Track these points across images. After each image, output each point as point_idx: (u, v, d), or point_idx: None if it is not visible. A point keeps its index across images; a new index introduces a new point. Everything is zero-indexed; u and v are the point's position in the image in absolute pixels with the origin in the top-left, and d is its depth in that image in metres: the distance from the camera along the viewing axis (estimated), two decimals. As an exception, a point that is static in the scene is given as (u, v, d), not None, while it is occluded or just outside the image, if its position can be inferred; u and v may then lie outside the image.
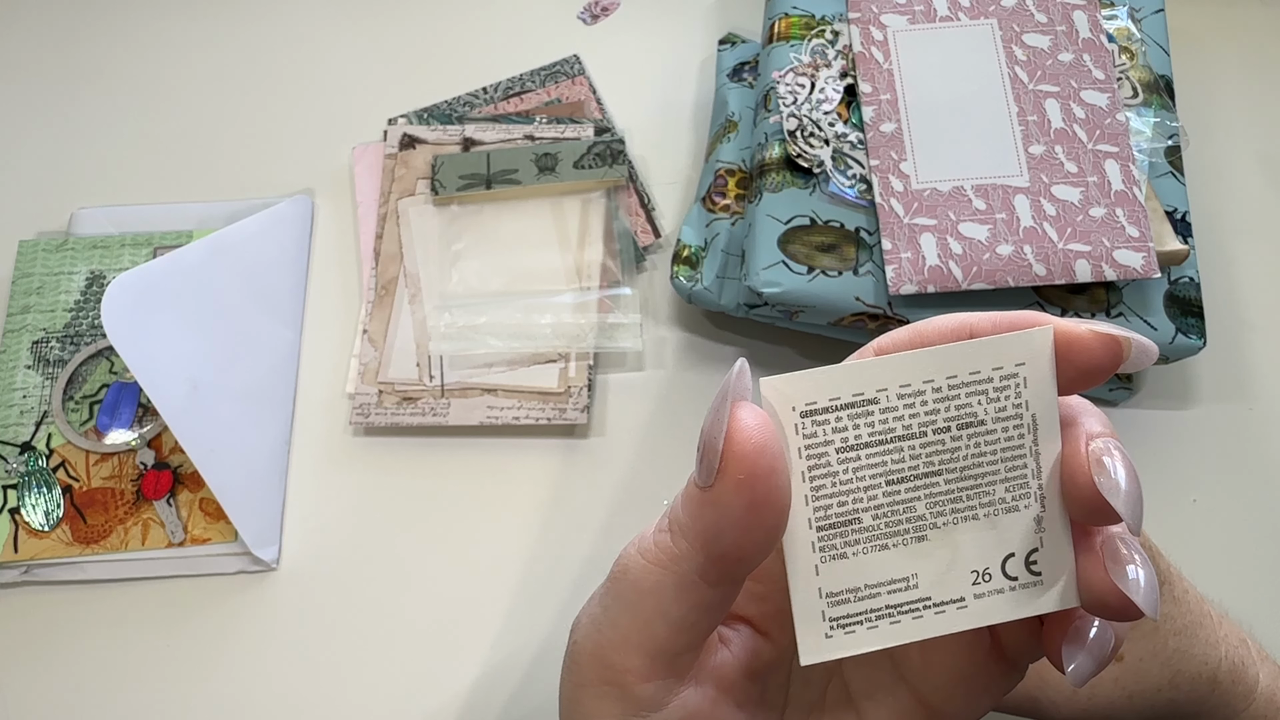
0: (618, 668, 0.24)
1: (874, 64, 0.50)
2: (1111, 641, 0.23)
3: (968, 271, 0.45)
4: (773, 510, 0.21)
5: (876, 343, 0.24)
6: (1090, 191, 0.47)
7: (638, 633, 0.24)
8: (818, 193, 0.49)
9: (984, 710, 0.25)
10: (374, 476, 0.52)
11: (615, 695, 0.25)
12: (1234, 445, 0.52)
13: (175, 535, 0.50)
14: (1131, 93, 0.51)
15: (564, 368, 0.53)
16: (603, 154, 0.56)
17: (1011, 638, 0.24)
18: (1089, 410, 0.24)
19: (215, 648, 0.48)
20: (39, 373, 0.53)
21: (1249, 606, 0.48)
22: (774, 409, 0.22)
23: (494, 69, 0.62)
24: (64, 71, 0.64)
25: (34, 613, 0.49)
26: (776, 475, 0.21)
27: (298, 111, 0.62)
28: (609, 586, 0.25)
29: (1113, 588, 0.21)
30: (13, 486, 0.51)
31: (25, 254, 0.56)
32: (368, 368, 0.53)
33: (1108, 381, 0.51)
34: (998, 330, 0.23)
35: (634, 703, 0.25)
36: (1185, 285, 0.48)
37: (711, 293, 0.51)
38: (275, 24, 0.65)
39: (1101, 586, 0.22)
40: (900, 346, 0.23)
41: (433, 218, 0.56)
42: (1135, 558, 0.22)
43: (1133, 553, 0.22)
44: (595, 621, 0.25)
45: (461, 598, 0.49)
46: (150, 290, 0.50)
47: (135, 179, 0.60)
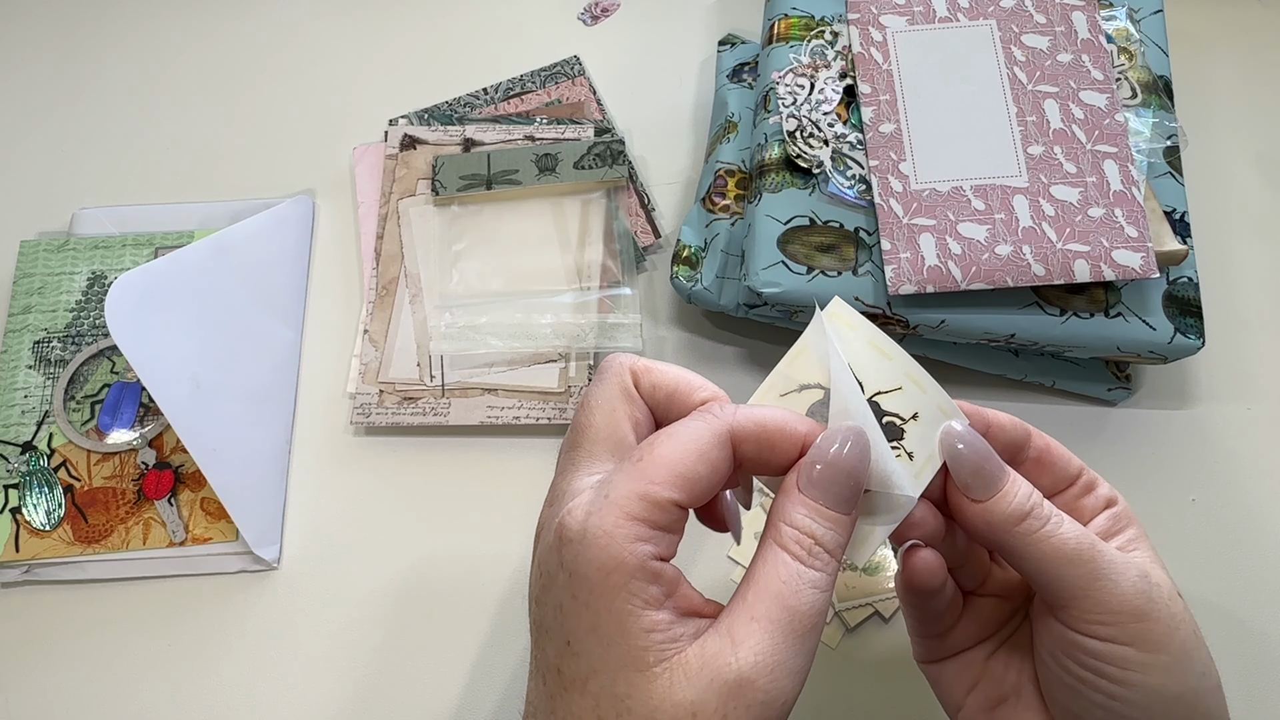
0: (658, 499, 0.28)
1: (873, 65, 0.50)
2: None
3: (967, 271, 0.46)
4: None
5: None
6: (1089, 192, 0.47)
7: (679, 461, 0.29)
8: (817, 193, 0.49)
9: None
10: (374, 476, 0.52)
11: (647, 574, 0.28)
12: (1233, 445, 0.52)
13: (176, 535, 0.50)
14: (1130, 93, 0.51)
15: (564, 368, 0.53)
16: (603, 154, 0.56)
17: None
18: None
19: (216, 647, 0.48)
20: (40, 372, 0.54)
21: (1249, 606, 0.48)
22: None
23: (494, 70, 0.62)
24: (64, 71, 0.64)
25: (35, 612, 0.49)
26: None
27: (299, 112, 0.62)
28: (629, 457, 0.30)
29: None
30: (14, 486, 0.51)
31: (27, 254, 0.56)
32: (368, 368, 0.53)
33: (1106, 381, 0.52)
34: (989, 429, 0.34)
35: (669, 582, 0.28)
36: (1184, 285, 0.48)
37: (711, 293, 0.51)
38: (276, 25, 0.65)
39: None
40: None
41: (433, 218, 0.56)
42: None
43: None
44: (609, 481, 0.29)
45: (462, 596, 0.49)
46: (153, 290, 0.50)
47: (137, 179, 0.60)
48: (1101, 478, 0.35)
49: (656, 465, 0.29)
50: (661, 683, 0.27)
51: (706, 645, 0.28)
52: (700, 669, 0.27)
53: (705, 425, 0.30)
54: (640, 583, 0.28)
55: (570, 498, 0.30)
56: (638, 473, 0.29)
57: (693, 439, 0.29)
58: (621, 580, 0.27)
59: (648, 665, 0.27)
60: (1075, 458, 0.35)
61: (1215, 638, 0.34)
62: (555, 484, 0.31)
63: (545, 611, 0.29)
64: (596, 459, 0.31)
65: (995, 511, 0.32)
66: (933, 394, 0.33)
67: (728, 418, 0.30)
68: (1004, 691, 0.36)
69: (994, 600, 0.37)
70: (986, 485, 0.32)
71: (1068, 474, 0.35)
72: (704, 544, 0.49)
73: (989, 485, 0.32)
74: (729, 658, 0.27)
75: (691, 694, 0.27)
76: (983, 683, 0.37)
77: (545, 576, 0.29)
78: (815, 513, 0.30)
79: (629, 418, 0.32)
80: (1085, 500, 0.35)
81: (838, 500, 0.30)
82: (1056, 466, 0.35)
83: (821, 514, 0.30)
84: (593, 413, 0.32)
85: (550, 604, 0.29)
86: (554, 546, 0.29)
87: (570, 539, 0.28)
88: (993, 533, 0.32)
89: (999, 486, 0.32)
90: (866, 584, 0.48)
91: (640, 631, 0.27)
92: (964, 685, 0.37)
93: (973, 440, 0.32)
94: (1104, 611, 0.31)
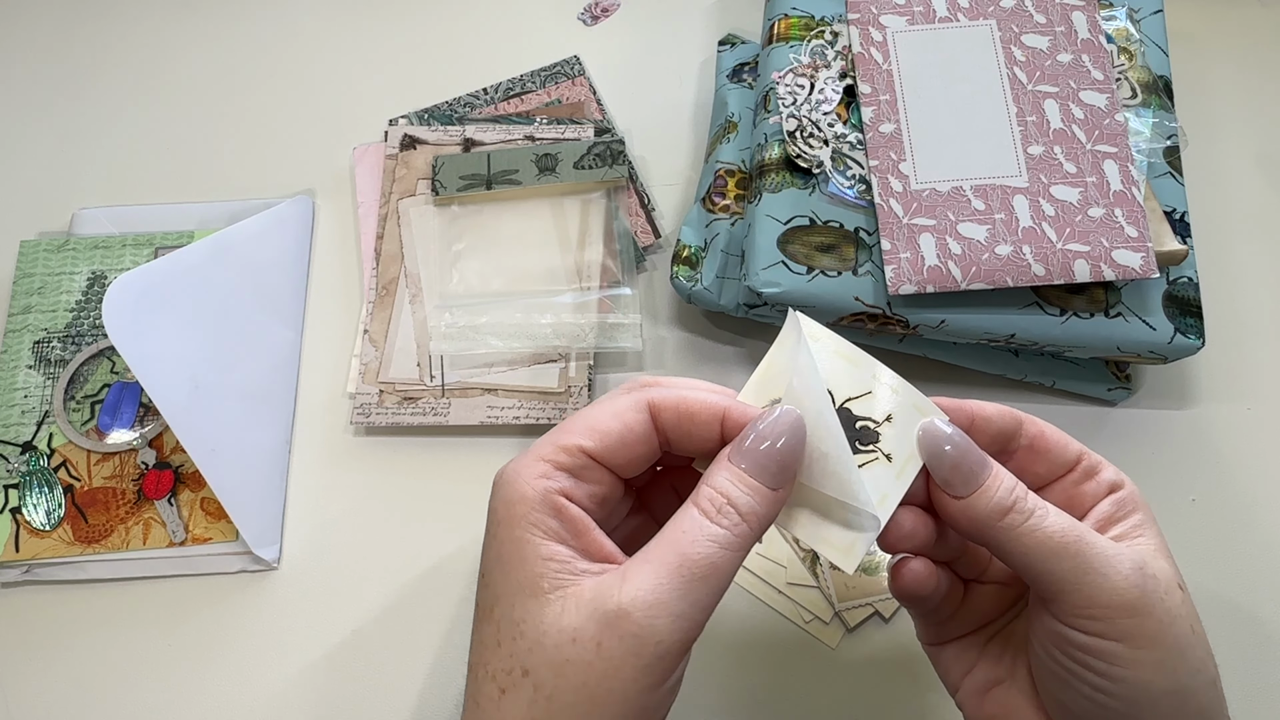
0: (565, 444, 0.31)
1: (873, 65, 0.50)
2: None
3: (966, 271, 0.46)
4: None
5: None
6: (1089, 192, 0.47)
7: (592, 416, 0.32)
8: (817, 193, 0.49)
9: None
10: (374, 476, 0.52)
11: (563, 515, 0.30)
12: (1232, 445, 0.52)
13: (176, 535, 0.50)
14: (1130, 93, 0.51)
15: (564, 367, 0.53)
16: (603, 154, 0.56)
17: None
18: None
19: (216, 647, 0.48)
20: (40, 372, 0.54)
21: (1249, 606, 0.48)
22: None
23: (494, 70, 0.62)
24: (64, 71, 0.64)
25: (35, 612, 0.49)
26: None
27: (299, 112, 0.62)
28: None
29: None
30: (14, 486, 0.51)
31: (27, 254, 0.56)
32: (368, 367, 0.53)
33: (1106, 381, 0.52)
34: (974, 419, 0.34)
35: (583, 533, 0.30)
36: (1184, 285, 0.48)
37: (711, 293, 0.51)
38: (276, 25, 0.65)
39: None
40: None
41: (433, 218, 0.56)
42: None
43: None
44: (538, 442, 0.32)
45: (462, 596, 0.49)
46: (152, 290, 0.50)
47: (136, 179, 0.60)
48: (1107, 462, 0.35)
49: (574, 421, 0.32)
50: (553, 609, 0.29)
51: (603, 582, 0.29)
52: (590, 600, 0.29)
53: (625, 394, 0.33)
54: (540, 514, 0.30)
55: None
56: (559, 429, 0.32)
57: (610, 402, 0.32)
58: (523, 511, 0.30)
59: (542, 591, 0.29)
60: (1074, 443, 0.35)
61: (1215, 637, 0.34)
62: None
63: (481, 555, 0.32)
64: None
65: (977, 507, 0.32)
66: (905, 394, 0.33)
67: (649, 390, 0.32)
68: (999, 675, 0.36)
69: (994, 588, 0.37)
70: (966, 481, 0.32)
71: (1064, 460, 0.34)
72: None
73: (968, 481, 0.32)
74: (613, 591, 0.28)
75: (576, 621, 0.28)
76: (979, 666, 0.37)
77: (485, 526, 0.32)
78: (736, 477, 0.30)
79: (622, 419, 0.32)
80: (1086, 486, 0.34)
81: (762, 471, 0.30)
82: (1051, 453, 0.34)
83: (743, 479, 0.30)
84: (590, 406, 0.33)
85: (483, 547, 0.32)
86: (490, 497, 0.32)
87: (495, 484, 0.31)
88: (976, 529, 0.32)
89: (979, 482, 0.32)
90: (866, 584, 0.48)
91: (537, 559, 0.29)
92: (962, 668, 0.37)
93: (949, 437, 0.32)
94: (1093, 605, 0.30)
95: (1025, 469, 0.34)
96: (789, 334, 0.34)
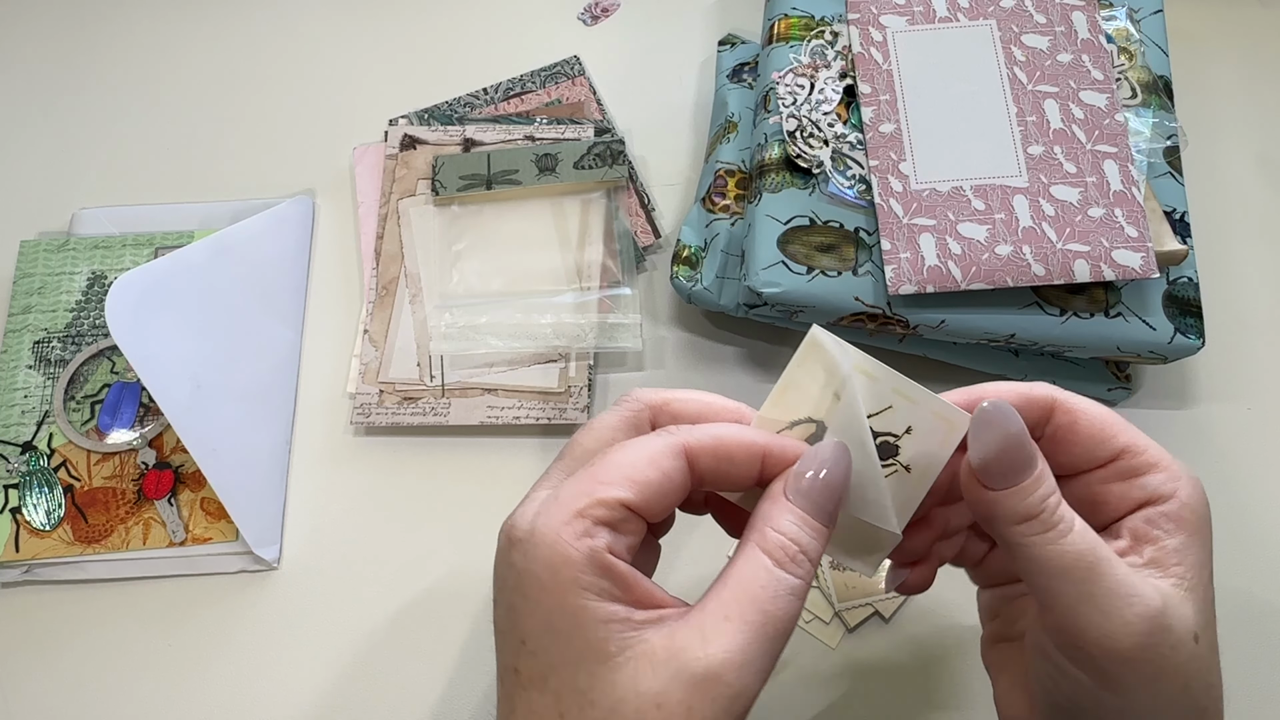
0: (605, 497, 0.28)
1: (873, 65, 0.50)
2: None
3: (966, 271, 0.46)
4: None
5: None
6: (1089, 192, 0.47)
7: (629, 465, 0.29)
8: (817, 193, 0.49)
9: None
10: (375, 476, 0.52)
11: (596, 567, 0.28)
12: (1233, 445, 0.52)
13: (176, 535, 0.50)
14: (1130, 93, 0.51)
15: (564, 368, 0.53)
16: (603, 154, 0.56)
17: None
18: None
19: (216, 647, 0.48)
20: (40, 372, 0.54)
21: (1249, 606, 0.48)
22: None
23: (494, 70, 0.62)
24: (64, 71, 0.64)
25: (35, 612, 0.49)
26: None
27: (299, 112, 0.62)
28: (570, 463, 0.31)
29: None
30: (14, 486, 0.51)
31: (27, 254, 0.56)
32: (369, 367, 0.53)
33: (1106, 381, 0.52)
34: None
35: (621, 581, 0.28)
36: (1184, 285, 0.48)
37: (711, 293, 0.51)
38: (276, 25, 0.65)
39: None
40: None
41: (433, 218, 0.56)
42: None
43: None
44: (560, 482, 0.30)
45: (462, 596, 0.49)
46: (153, 290, 0.50)
47: (137, 179, 0.60)
48: (1170, 463, 0.31)
49: (608, 468, 0.29)
50: (625, 673, 0.27)
51: (675, 637, 0.28)
52: (667, 660, 0.27)
53: (658, 437, 0.30)
54: (591, 576, 0.28)
55: (523, 503, 0.30)
56: (588, 475, 0.29)
57: (646, 448, 0.30)
58: (571, 575, 0.28)
59: (609, 655, 0.27)
60: (1122, 437, 0.31)
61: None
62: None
63: (499, 612, 0.30)
64: (568, 475, 0.31)
65: (1001, 504, 0.30)
66: (925, 403, 0.32)
67: (683, 434, 0.30)
68: (1010, 634, 0.36)
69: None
70: (1004, 476, 0.30)
71: (1095, 455, 0.32)
72: (700, 542, 0.49)
73: (1006, 478, 0.30)
74: (698, 651, 0.27)
75: (656, 685, 0.27)
76: (1000, 619, 0.37)
77: (498, 578, 0.30)
78: (801, 520, 0.30)
79: (660, 468, 0.31)
80: (1116, 487, 0.31)
81: (821, 511, 0.30)
82: (1079, 446, 0.32)
83: (806, 522, 0.30)
84: (589, 433, 0.32)
85: (503, 605, 0.30)
86: (504, 549, 0.30)
87: (518, 539, 0.29)
88: (992, 522, 0.31)
89: (1017, 481, 0.30)
90: (866, 584, 0.48)
91: (597, 623, 0.28)
92: (989, 614, 0.38)
93: (1008, 426, 0.30)
94: (1084, 640, 0.29)
95: (1050, 456, 0.32)
96: (812, 352, 0.33)
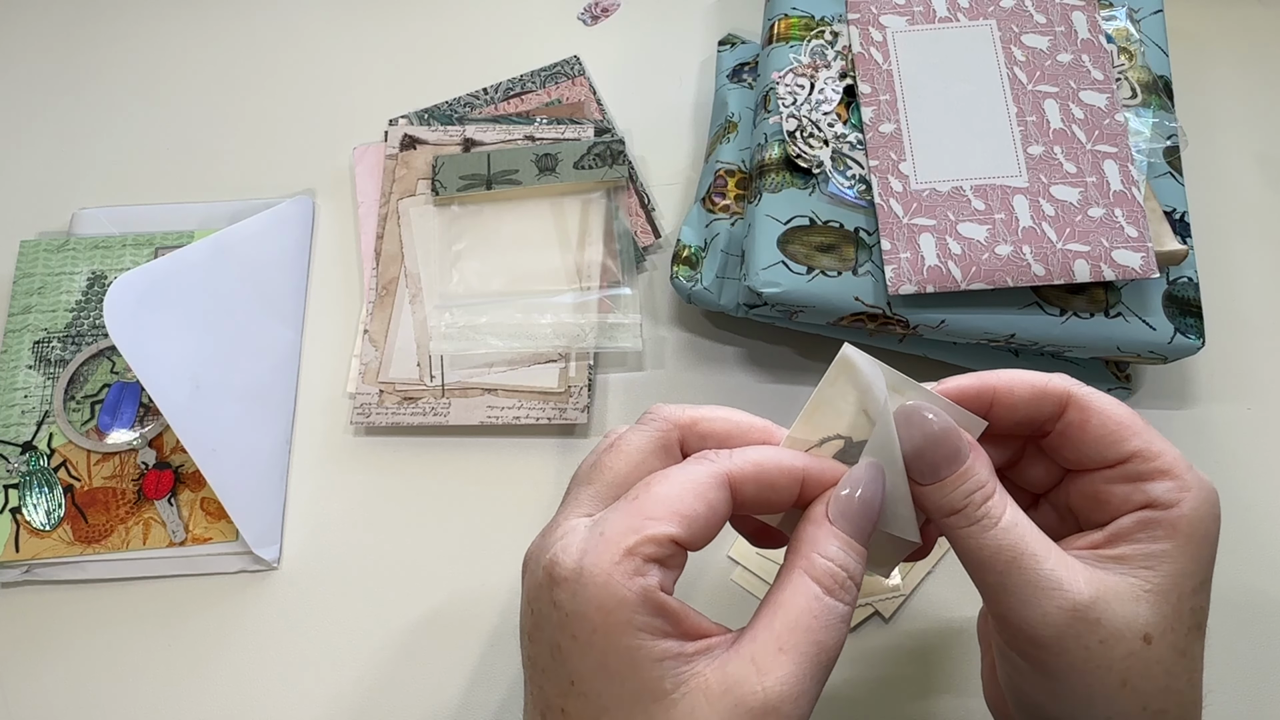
0: (655, 535, 0.28)
1: (873, 65, 0.50)
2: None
3: (966, 271, 0.46)
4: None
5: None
6: (1089, 192, 0.47)
7: (676, 499, 0.29)
8: (817, 193, 0.49)
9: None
10: (374, 476, 0.52)
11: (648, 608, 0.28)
12: (1233, 445, 0.52)
13: (176, 535, 0.50)
14: (1130, 93, 0.51)
15: (564, 367, 0.53)
16: (603, 154, 0.56)
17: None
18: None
19: (216, 647, 0.48)
20: (40, 372, 0.54)
21: (1249, 606, 0.48)
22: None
23: (494, 70, 0.62)
24: (64, 71, 0.64)
25: (35, 612, 0.49)
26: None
27: (298, 112, 0.62)
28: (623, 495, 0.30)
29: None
30: (14, 486, 0.51)
31: (27, 254, 0.56)
32: (369, 367, 0.53)
33: (1106, 381, 0.52)
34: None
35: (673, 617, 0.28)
36: (1184, 285, 0.48)
37: (711, 293, 0.51)
38: (276, 24, 0.65)
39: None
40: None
41: (433, 218, 0.56)
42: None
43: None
44: (604, 514, 0.29)
45: (462, 597, 0.49)
46: (152, 290, 0.50)
47: (136, 179, 0.60)
48: (1184, 472, 0.31)
49: (654, 502, 0.29)
50: (682, 709, 0.27)
51: (729, 671, 0.28)
52: (723, 694, 0.27)
53: (702, 468, 0.30)
54: (644, 617, 0.27)
55: (562, 535, 0.29)
56: (634, 509, 0.29)
57: (690, 479, 0.29)
58: (625, 617, 0.27)
59: (665, 694, 0.27)
60: (1134, 441, 0.31)
61: (1215, 640, 0.34)
62: (554, 517, 0.31)
63: (540, 650, 0.29)
64: (602, 502, 0.31)
65: (929, 498, 0.31)
66: (950, 414, 0.32)
67: (724, 461, 0.30)
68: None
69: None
70: (927, 472, 0.31)
71: (1106, 456, 0.32)
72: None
73: (929, 473, 0.31)
74: (754, 685, 0.27)
75: (714, 719, 0.27)
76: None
77: (536, 615, 0.29)
78: (846, 545, 0.30)
79: (707, 501, 0.30)
80: (1119, 489, 0.32)
81: (862, 533, 0.30)
82: (1087, 446, 0.32)
83: (851, 546, 0.30)
84: (619, 456, 0.31)
85: (544, 643, 0.29)
86: (544, 585, 0.29)
87: (564, 578, 0.28)
88: (926, 513, 0.32)
89: (938, 476, 0.31)
90: (866, 584, 0.48)
91: (651, 663, 0.27)
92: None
93: (925, 426, 0.31)
94: (1004, 624, 0.31)
95: (1055, 450, 0.33)
96: (844, 371, 0.33)
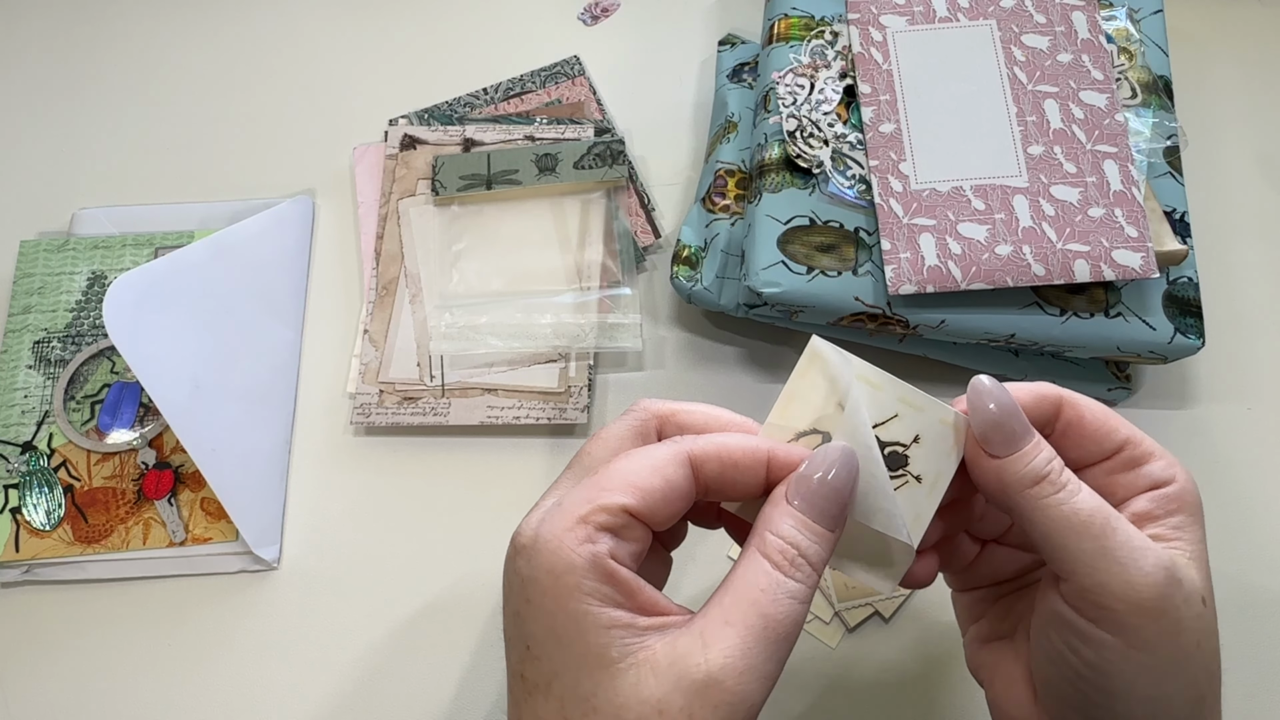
0: (607, 504, 0.29)
1: (873, 65, 0.50)
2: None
3: (966, 271, 0.46)
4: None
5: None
6: (1089, 192, 0.47)
7: (632, 472, 0.30)
8: (817, 193, 0.49)
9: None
10: (375, 476, 0.52)
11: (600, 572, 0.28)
12: (1232, 445, 0.52)
13: (176, 535, 0.50)
14: (1130, 93, 0.51)
15: (564, 367, 0.53)
16: (603, 154, 0.56)
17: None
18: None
19: (216, 647, 0.48)
20: (40, 372, 0.54)
21: (1249, 606, 0.48)
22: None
23: (494, 70, 0.62)
24: (64, 71, 0.64)
25: (35, 612, 0.49)
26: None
27: (298, 112, 0.62)
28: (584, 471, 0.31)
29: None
30: (14, 486, 0.51)
31: (27, 254, 0.56)
32: (368, 368, 0.53)
33: (1106, 381, 0.52)
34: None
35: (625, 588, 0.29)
36: (1184, 285, 0.48)
37: (711, 293, 0.51)
38: (276, 25, 0.65)
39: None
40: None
41: (433, 218, 0.56)
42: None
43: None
44: (567, 490, 0.31)
45: (462, 596, 0.49)
46: (152, 290, 0.50)
47: (136, 179, 0.60)
48: (1164, 453, 0.33)
49: (610, 475, 0.30)
50: (628, 679, 0.27)
51: (677, 644, 0.28)
52: (669, 666, 0.27)
53: (663, 446, 0.31)
54: (593, 582, 0.28)
55: (530, 512, 0.31)
56: (592, 483, 0.30)
57: (649, 455, 0.30)
58: (574, 580, 0.28)
59: (612, 661, 0.28)
60: (1123, 430, 0.33)
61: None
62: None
63: (506, 620, 0.30)
64: (574, 483, 0.31)
65: (1010, 470, 0.31)
66: (931, 410, 0.33)
67: (687, 442, 0.31)
68: (1001, 631, 0.36)
69: (1008, 551, 0.37)
70: (1006, 442, 0.31)
71: (1102, 447, 0.33)
72: (709, 552, 0.49)
73: (1008, 442, 0.31)
74: (699, 658, 0.27)
75: (658, 691, 0.27)
76: (986, 618, 0.37)
77: (506, 587, 0.30)
78: (802, 525, 0.30)
79: (664, 475, 0.31)
80: (1123, 477, 0.33)
81: (823, 515, 0.30)
82: (1087, 440, 0.33)
83: (809, 527, 0.30)
84: (598, 443, 0.32)
85: (509, 612, 0.30)
86: (510, 557, 0.30)
87: (523, 546, 0.29)
88: (1005, 492, 0.31)
89: (1018, 446, 0.31)
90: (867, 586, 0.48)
91: (599, 629, 0.28)
92: (971, 616, 0.38)
93: (995, 395, 0.31)
94: (1104, 594, 0.30)
95: (1061, 450, 0.33)
96: (813, 362, 0.33)
